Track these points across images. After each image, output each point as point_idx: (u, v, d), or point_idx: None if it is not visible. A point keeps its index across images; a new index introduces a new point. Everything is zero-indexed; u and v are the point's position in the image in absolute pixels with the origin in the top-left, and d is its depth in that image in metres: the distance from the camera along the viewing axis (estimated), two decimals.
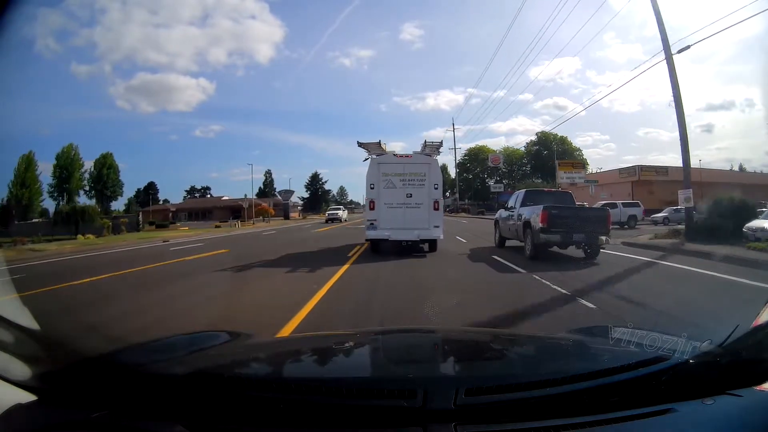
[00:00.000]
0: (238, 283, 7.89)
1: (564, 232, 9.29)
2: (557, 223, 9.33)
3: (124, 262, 11.91)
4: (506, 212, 12.12)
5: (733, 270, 7.47)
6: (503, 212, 12.49)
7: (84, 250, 17.10)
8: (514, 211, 11.43)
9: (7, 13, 1.42)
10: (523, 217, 10.42)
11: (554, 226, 9.29)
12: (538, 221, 9.42)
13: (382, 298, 6.11)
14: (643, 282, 7.35)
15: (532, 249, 9.69)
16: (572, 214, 9.83)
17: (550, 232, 9.28)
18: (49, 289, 7.39)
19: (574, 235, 9.33)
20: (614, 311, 5.11)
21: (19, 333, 1.27)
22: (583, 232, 9.36)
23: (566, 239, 9.36)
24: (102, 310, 5.73)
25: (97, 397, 1.15)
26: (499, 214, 12.98)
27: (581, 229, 9.38)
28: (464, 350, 1.87)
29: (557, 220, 9.35)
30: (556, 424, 1.05)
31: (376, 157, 11.45)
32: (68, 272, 9.84)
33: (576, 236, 9.34)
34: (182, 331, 2.69)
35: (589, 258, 9.52)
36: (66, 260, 13.46)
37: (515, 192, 13.53)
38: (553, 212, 9.46)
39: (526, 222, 10.04)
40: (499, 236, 12.57)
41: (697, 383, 1.18)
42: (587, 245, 9.55)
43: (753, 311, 1.47)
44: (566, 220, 9.47)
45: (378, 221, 11.12)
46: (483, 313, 5.01)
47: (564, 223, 9.36)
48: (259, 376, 1.43)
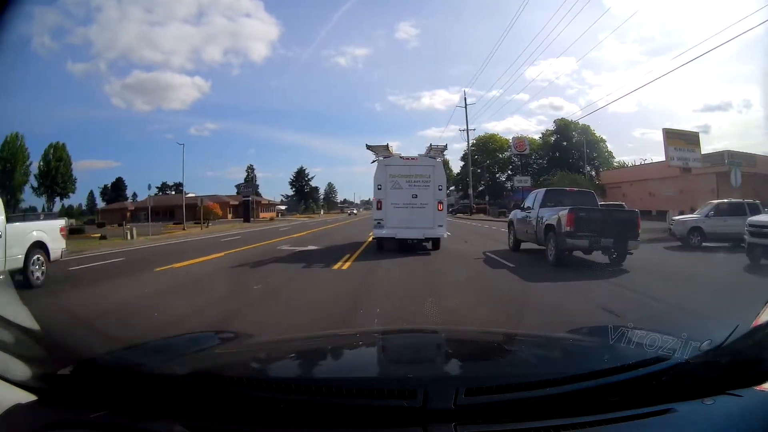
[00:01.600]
0: None
1: (592, 237, 8.47)
2: (585, 226, 8.48)
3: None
4: (522, 213, 11.28)
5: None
6: (519, 213, 11.69)
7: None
8: (531, 211, 10.56)
9: (6, 13, 1.42)
10: (544, 219, 9.56)
11: (581, 230, 8.45)
12: (564, 224, 8.55)
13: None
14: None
15: (555, 254, 8.91)
16: (601, 217, 9.11)
17: (577, 237, 8.49)
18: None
19: (602, 240, 8.51)
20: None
21: (19, 333, 1.28)
22: (612, 236, 8.55)
23: (594, 244, 8.58)
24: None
25: (97, 397, 1.15)
26: (514, 214, 12.17)
27: (610, 233, 8.55)
28: (464, 350, 1.87)
29: (585, 224, 8.52)
30: (556, 424, 1.05)
31: (383, 159, 11.97)
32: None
33: (604, 241, 8.53)
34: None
35: (615, 264, 8.73)
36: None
37: (533, 191, 12.38)
38: (581, 215, 8.65)
39: (549, 225, 9.21)
40: (514, 239, 11.73)
41: (697, 383, 1.18)
42: (615, 250, 8.76)
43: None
44: (594, 223, 8.68)
45: (385, 220, 11.50)
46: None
47: (592, 227, 8.54)
48: (259, 376, 1.43)
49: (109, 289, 7.38)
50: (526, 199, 11.87)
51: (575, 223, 8.51)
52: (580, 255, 9.47)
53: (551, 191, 11.48)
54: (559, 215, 8.88)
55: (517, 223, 11.61)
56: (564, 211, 8.81)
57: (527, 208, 11.13)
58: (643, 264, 8.81)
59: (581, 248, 8.85)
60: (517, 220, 11.64)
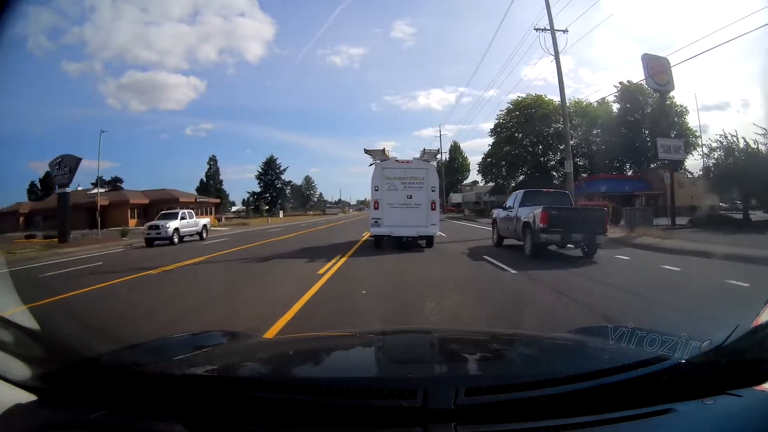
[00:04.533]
0: None
1: (563, 232, 9.59)
2: (557, 223, 9.61)
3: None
4: (504, 212, 12.47)
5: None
6: (501, 212, 12.88)
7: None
8: (512, 211, 11.68)
9: (5, 13, 1.42)
10: (522, 217, 10.68)
11: (554, 226, 9.57)
12: (538, 221, 9.67)
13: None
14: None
15: (531, 248, 9.97)
16: (572, 215, 10.19)
17: (550, 232, 9.58)
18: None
19: (573, 235, 9.62)
20: None
21: (19, 333, 1.27)
22: (582, 231, 9.63)
23: (565, 239, 9.67)
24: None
25: (97, 397, 1.15)
26: (497, 213, 13.39)
27: (580, 229, 9.64)
28: (464, 350, 1.87)
29: (557, 221, 9.63)
30: (557, 424, 1.05)
31: (380, 162, 12.81)
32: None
33: (575, 236, 9.64)
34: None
35: (587, 257, 9.77)
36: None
37: (514, 192, 13.76)
38: (554, 213, 9.75)
39: (526, 222, 10.32)
40: (497, 236, 12.89)
41: (697, 383, 1.18)
42: (586, 245, 9.84)
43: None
44: (566, 220, 9.78)
45: (382, 219, 12.35)
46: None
47: (563, 223, 9.66)
48: (259, 377, 1.43)
49: None
50: (508, 200, 13.07)
51: (549, 220, 9.59)
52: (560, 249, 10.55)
53: (529, 192, 12.42)
54: (534, 213, 9.93)
55: (499, 221, 12.82)
56: (538, 210, 9.85)
57: (509, 207, 12.23)
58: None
59: (554, 242, 9.82)
60: (500, 218, 12.85)
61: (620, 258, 9.87)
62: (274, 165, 63.61)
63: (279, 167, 64.05)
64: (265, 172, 63.86)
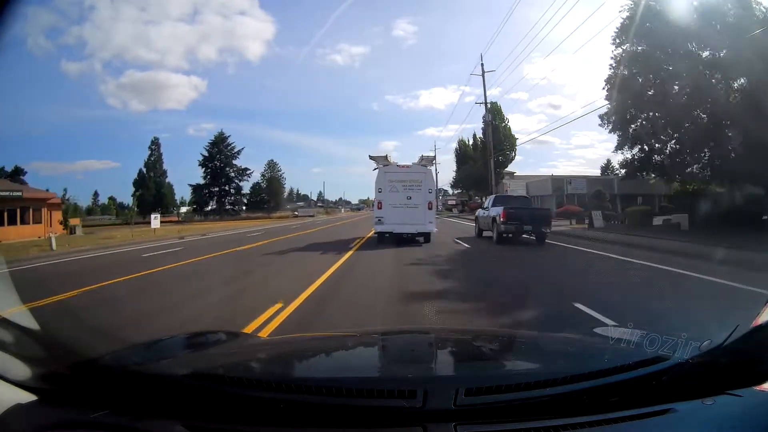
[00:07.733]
0: None
1: (518, 224, 13.47)
2: (513, 218, 13.47)
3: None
4: (483, 211, 16.35)
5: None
6: (481, 211, 16.75)
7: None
8: (487, 210, 15.42)
9: (5, 13, 1.42)
10: (491, 214, 14.62)
11: (511, 221, 13.43)
12: (500, 217, 13.57)
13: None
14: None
15: (496, 236, 14.01)
16: (524, 213, 13.98)
17: (508, 224, 13.46)
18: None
19: (525, 227, 13.53)
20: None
21: (19, 333, 1.27)
22: (532, 225, 13.57)
23: (519, 229, 13.56)
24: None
25: (97, 397, 1.15)
26: (479, 212, 17.35)
27: (531, 223, 13.58)
28: (464, 350, 1.87)
29: (513, 217, 13.50)
30: (556, 424, 1.05)
31: (383, 167, 14.53)
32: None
33: (526, 227, 13.58)
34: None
35: (538, 244, 13.46)
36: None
37: (489, 196, 18.21)
38: (511, 211, 13.69)
39: (493, 218, 14.26)
40: (478, 229, 16.89)
41: (697, 383, 1.18)
42: (535, 234, 13.76)
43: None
44: (520, 216, 13.59)
45: (384, 218, 14.06)
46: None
47: (518, 219, 13.50)
48: (259, 376, 1.43)
49: None
50: (486, 201, 17.33)
51: (507, 216, 13.50)
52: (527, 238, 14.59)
53: (499, 197, 17.12)
54: (498, 211, 13.90)
55: (480, 218, 16.85)
56: (501, 209, 13.86)
57: (485, 207, 16.20)
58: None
59: (511, 232, 13.69)
60: (480, 216, 16.84)
61: (559, 245, 13.56)
62: (222, 143, 45.02)
63: (232, 149, 46.17)
64: (210, 157, 44.96)
